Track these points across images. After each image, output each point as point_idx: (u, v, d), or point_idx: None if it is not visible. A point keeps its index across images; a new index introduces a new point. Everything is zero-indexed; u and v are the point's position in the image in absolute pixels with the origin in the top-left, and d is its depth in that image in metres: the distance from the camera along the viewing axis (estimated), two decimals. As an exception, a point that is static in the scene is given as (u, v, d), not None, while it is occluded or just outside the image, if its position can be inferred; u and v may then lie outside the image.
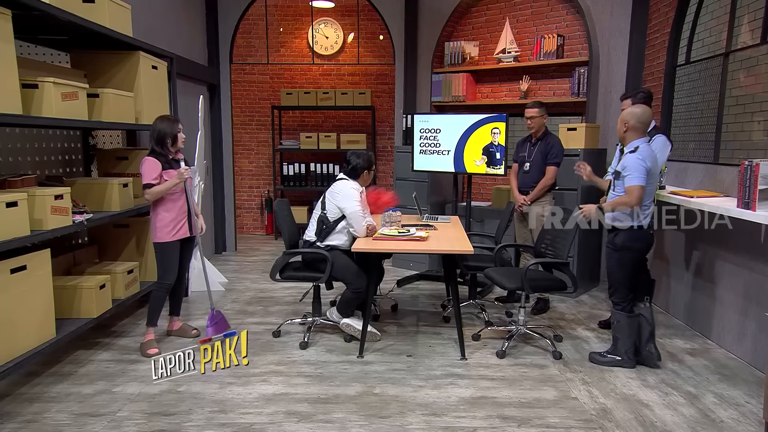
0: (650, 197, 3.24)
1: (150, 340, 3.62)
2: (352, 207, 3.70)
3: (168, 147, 3.56)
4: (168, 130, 3.54)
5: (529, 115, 4.35)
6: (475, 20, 6.23)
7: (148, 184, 3.45)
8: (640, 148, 3.17)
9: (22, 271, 2.85)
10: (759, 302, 3.32)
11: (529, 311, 4.41)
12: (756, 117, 3.69)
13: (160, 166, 3.49)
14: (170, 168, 3.54)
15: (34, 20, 3.17)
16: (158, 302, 3.64)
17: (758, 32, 3.66)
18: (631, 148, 3.20)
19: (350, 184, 3.82)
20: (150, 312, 3.66)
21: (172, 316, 3.94)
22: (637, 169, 3.11)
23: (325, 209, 3.81)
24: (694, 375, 3.33)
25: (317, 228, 3.82)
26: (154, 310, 3.65)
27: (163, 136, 3.53)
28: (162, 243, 3.57)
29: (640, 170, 3.11)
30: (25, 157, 3.67)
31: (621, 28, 5.27)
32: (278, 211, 4.12)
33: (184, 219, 3.66)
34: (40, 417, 2.79)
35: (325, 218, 3.80)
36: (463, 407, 2.92)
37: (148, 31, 4.65)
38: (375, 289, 4.06)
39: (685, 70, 4.66)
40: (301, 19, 7.57)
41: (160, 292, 3.63)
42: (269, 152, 7.75)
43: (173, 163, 3.58)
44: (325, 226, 3.79)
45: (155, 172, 3.46)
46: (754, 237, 3.17)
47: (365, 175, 3.91)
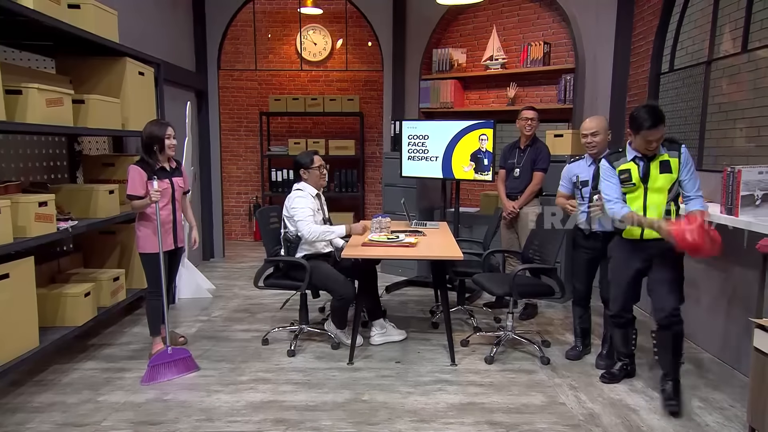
0: None
1: (159, 350, 3.47)
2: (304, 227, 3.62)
3: (156, 154, 3.41)
4: (157, 133, 3.39)
5: (531, 116, 4.35)
6: (462, 27, 6.27)
7: (130, 195, 3.35)
8: None
9: (5, 279, 2.81)
10: (743, 307, 3.36)
11: (518, 317, 4.44)
12: (738, 124, 3.76)
13: (145, 175, 3.35)
14: (158, 177, 3.37)
15: (18, 25, 3.14)
16: (154, 310, 3.53)
17: (739, 41, 3.73)
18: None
19: (297, 195, 3.74)
20: (149, 322, 3.57)
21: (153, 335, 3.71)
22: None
23: (285, 227, 3.78)
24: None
25: (284, 246, 3.81)
26: (152, 319, 3.55)
27: (150, 143, 3.39)
28: (146, 254, 3.46)
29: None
30: (8, 163, 3.63)
31: (606, 35, 5.34)
32: (259, 219, 4.09)
33: (169, 230, 3.52)
34: (22, 428, 2.74)
35: (287, 236, 3.78)
36: (452, 413, 2.92)
37: (135, 36, 4.63)
38: (374, 292, 4.00)
39: (668, 77, 4.72)
40: (290, 25, 7.58)
41: (153, 300, 3.51)
42: (257, 158, 7.73)
43: (160, 173, 3.41)
44: (290, 243, 3.77)
45: (138, 183, 3.34)
46: (737, 242, 3.22)
47: (306, 174, 3.82)
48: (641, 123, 2.82)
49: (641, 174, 2.94)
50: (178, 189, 3.56)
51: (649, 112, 2.82)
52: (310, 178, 3.84)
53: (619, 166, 3.00)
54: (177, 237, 3.60)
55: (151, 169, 3.38)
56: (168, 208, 3.49)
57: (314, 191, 3.85)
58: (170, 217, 3.51)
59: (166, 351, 3.37)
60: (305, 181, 3.84)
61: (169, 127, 3.45)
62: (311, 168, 3.83)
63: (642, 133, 2.84)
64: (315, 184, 3.87)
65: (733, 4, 3.84)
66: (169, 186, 3.47)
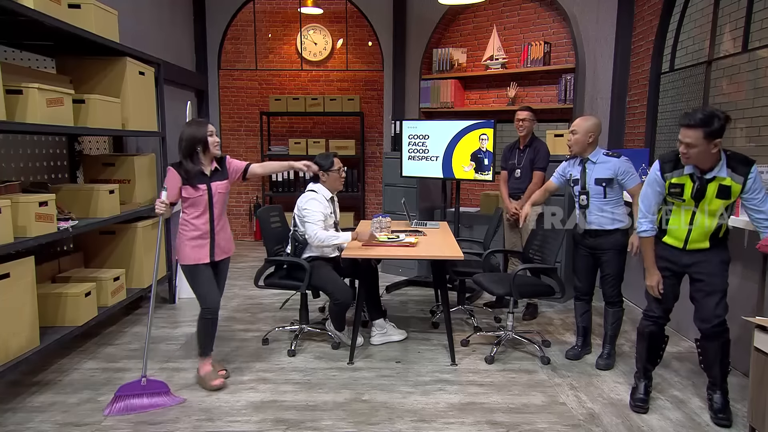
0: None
1: (208, 372, 3.18)
2: (311, 230, 3.59)
3: (199, 156, 3.05)
4: (197, 134, 3.03)
5: (522, 117, 4.35)
6: (462, 27, 6.27)
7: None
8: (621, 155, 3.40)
9: (5, 279, 2.82)
10: (742, 306, 3.36)
11: (520, 317, 4.44)
12: (738, 124, 3.75)
13: (180, 180, 3.02)
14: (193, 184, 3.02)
15: (18, 25, 3.14)
16: (203, 328, 3.17)
17: (740, 41, 3.73)
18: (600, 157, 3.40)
19: (311, 197, 3.68)
20: (198, 341, 3.23)
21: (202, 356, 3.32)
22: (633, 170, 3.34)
23: (296, 226, 3.76)
24: (681, 379, 3.35)
25: (291, 245, 3.79)
26: (201, 338, 3.19)
27: (192, 145, 3.02)
28: (183, 265, 3.15)
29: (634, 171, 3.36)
30: (9, 163, 3.63)
31: (607, 35, 5.34)
32: (261, 219, 4.07)
33: (206, 243, 3.14)
34: (22, 428, 2.74)
35: (296, 235, 3.75)
36: (452, 413, 2.92)
37: (135, 36, 4.63)
38: (375, 292, 3.99)
39: (669, 77, 4.72)
40: (290, 25, 7.58)
41: (203, 318, 3.15)
42: (258, 158, 7.72)
43: (197, 178, 3.03)
44: (298, 243, 3.75)
45: (170, 188, 3.04)
46: (737, 242, 3.21)
47: (325, 177, 3.76)
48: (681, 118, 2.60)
49: (693, 193, 2.68)
50: (218, 195, 3.13)
51: (693, 111, 2.58)
52: (328, 180, 3.78)
53: (672, 178, 2.74)
54: (215, 250, 3.17)
55: (188, 174, 3.04)
56: (205, 218, 3.10)
57: (329, 194, 3.80)
58: (207, 226, 3.12)
59: (138, 382, 3.00)
60: (323, 183, 3.78)
61: (208, 124, 3.11)
62: (331, 170, 3.77)
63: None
64: (332, 187, 3.81)
65: (733, 4, 3.84)
66: (205, 193, 3.08)
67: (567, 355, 3.68)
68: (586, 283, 3.60)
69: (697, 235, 2.77)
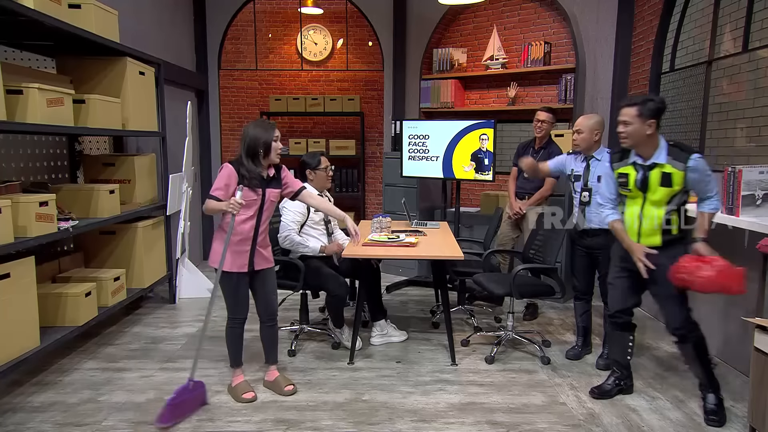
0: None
1: (240, 383, 3.09)
2: (284, 230, 3.67)
3: (260, 159, 2.90)
4: (262, 136, 2.87)
5: (542, 118, 4.29)
6: (463, 27, 6.27)
7: (211, 195, 2.87)
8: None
9: (6, 279, 2.82)
10: (741, 306, 3.36)
11: (522, 317, 4.44)
12: (739, 124, 3.75)
13: (236, 178, 2.86)
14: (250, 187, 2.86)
15: (19, 25, 3.14)
16: (231, 339, 3.08)
17: (740, 41, 3.73)
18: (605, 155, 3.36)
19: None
20: (229, 352, 3.12)
21: (267, 363, 3.25)
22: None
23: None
24: (681, 380, 3.35)
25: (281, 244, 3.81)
26: (230, 349, 3.10)
27: (255, 146, 2.86)
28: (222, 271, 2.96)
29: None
30: (9, 163, 3.63)
31: (607, 35, 5.33)
32: None
33: (246, 251, 2.97)
34: (23, 428, 2.74)
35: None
36: (452, 413, 2.92)
37: (135, 36, 4.63)
38: (377, 293, 4.00)
39: (669, 77, 4.72)
40: (290, 25, 7.57)
41: (231, 328, 3.06)
42: (258, 158, 7.71)
43: (254, 181, 2.88)
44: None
45: (223, 182, 2.85)
46: (737, 242, 3.21)
47: (312, 175, 3.77)
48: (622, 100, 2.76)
49: (639, 182, 2.76)
50: (269, 203, 2.98)
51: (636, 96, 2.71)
52: (316, 179, 3.80)
53: (618, 168, 2.87)
54: (254, 259, 3.01)
55: (249, 174, 2.87)
56: (251, 223, 2.94)
57: (316, 192, 3.82)
58: (251, 233, 2.95)
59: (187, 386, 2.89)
60: (310, 182, 3.79)
61: (276, 129, 2.94)
62: (318, 169, 3.79)
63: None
64: (320, 186, 3.82)
65: (733, 4, 3.84)
66: (258, 198, 2.92)
67: (567, 355, 3.68)
68: (584, 283, 3.60)
69: (648, 228, 2.82)
